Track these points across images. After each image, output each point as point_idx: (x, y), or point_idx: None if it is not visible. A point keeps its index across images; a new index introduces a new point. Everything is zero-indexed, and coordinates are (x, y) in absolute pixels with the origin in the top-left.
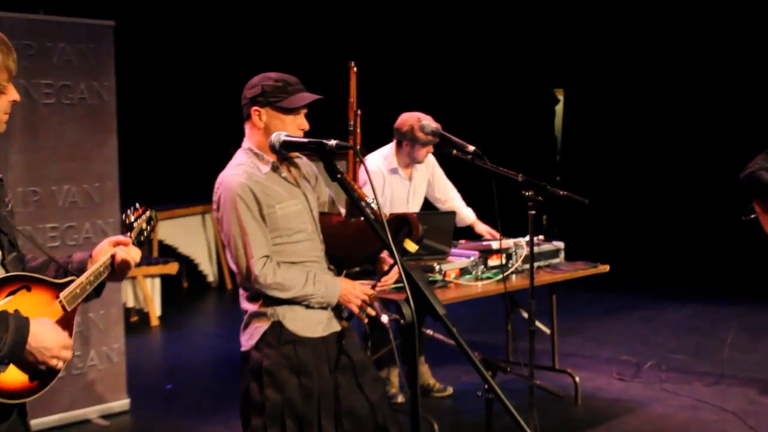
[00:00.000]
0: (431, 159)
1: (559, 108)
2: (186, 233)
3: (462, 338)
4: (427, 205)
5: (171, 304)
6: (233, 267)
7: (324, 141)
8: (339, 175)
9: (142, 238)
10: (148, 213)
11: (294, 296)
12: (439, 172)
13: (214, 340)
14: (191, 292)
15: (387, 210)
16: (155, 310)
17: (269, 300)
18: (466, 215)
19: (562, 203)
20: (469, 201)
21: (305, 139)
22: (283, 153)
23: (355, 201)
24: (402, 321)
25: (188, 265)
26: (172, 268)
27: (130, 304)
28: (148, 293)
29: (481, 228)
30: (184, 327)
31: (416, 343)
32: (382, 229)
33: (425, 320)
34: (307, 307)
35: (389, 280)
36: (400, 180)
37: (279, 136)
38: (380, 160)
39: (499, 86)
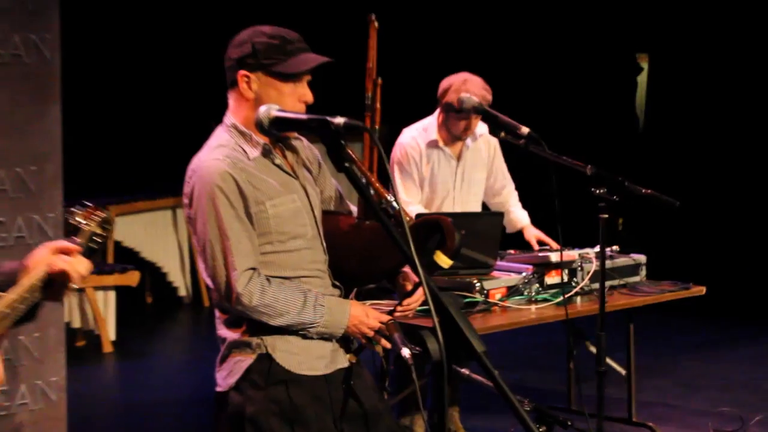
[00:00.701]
0: (494, 141)
1: (642, 79)
2: (150, 233)
3: (505, 382)
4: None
5: (129, 326)
6: (208, 281)
7: (328, 118)
8: (347, 164)
9: (93, 245)
10: (101, 214)
11: (288, 323)
12: (499, 159)
13: (185, 374)
14: (157, 310)
15: (424, 194)
16: (108, 332)
17: (255, 326)
18: (518, 217)
19: (644, 204)
20: (523, 199)
21: (304, 116)
22: (275, 133)
23: (367, 199)
24: (427, 358)
25: (153, 274)
26: (132, 278)
27: (76, 324)
28: (99, 311)
29: (530, 234)
30: (147, 355)
31: (445, 386)
32: (404, 236)
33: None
34: (305, 337)
35: (413, 303)
36: (443, 158)
37: (269, 110)
38: (418, 130)
39: (565, 50)
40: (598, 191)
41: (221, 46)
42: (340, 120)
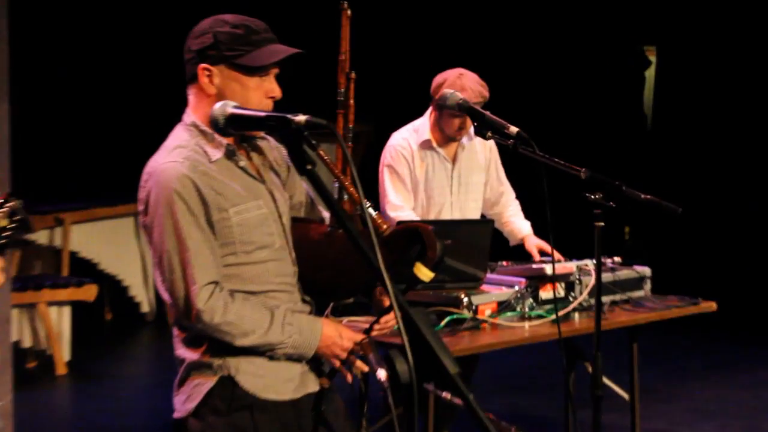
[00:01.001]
0: (492, 143)
1: (651, 73)
2: (110, 243)
3: (496, 406)
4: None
5: (86, 345)
6: (165, 296)
7: (288, 116)
8: (309, 167)
9: (1, 241)
10: (10, 204)
11: (253, 344)
12: (495, 163)
13: (147, 399)
14: (116, 328)
15: (420, 201)
16: (62, 352)
17: (217, 346)
18: (519, 227)
19: (648, 212)
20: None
21: (262, 113)
22: (232, 132)
23: (331, 204)
24: (395, 380)
25: (113, 288)
26: (89, 292)
27: (26, 343)
28: (52, 328)
29: (531, 243)
30: (105, 378)
31: (415, 411)
32: (370, 244)
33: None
34: (272, 358)
35: (391, 320)
36: (437, 160)
37: (224, 107)
38: (408, 131)
39: (566, 43)
40: (593, 197)
41: (183, 39)
42: (301, 117)
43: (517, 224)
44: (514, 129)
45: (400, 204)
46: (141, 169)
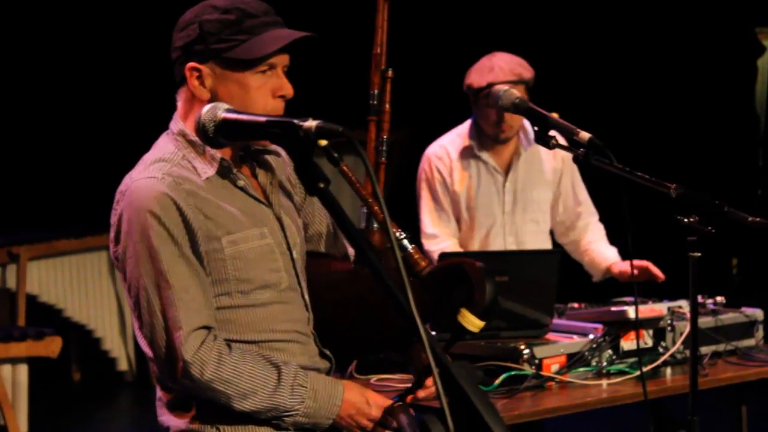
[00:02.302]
0: (564, 153)
1: (765, 63)
2: (77, 284)
3: None
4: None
5: (49, 412)
6: (144, 347)
7: (295, 121)
8: (321, 185)
9: None
10: None
11: (255, 408)
12: (570, 175)
13: None
14: (87, 391)
15: (462, 223)
16: (18, 422)
17: (209, 410)
18: (602, 255)
19: (761, 239)
20: None
21: (261, 117)
22: (222, 142)
23: (348, 231)
24: None
25: (82, 340)
26: (52, 346)
27: None
28: (5, 392)
29: (618, 267)
30: None
31: None
32: (401, 284)
33: None
34: (279, 428)
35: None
36: (484, 171)
37: (214, 111)
38: (450, 137)
39: (655, 25)
40: (686, 220)
41: (167, 36)
42: (310, 123)
43: (600, 252)
44: (585, 135)
45: (435, 232)
46: (111, 195)
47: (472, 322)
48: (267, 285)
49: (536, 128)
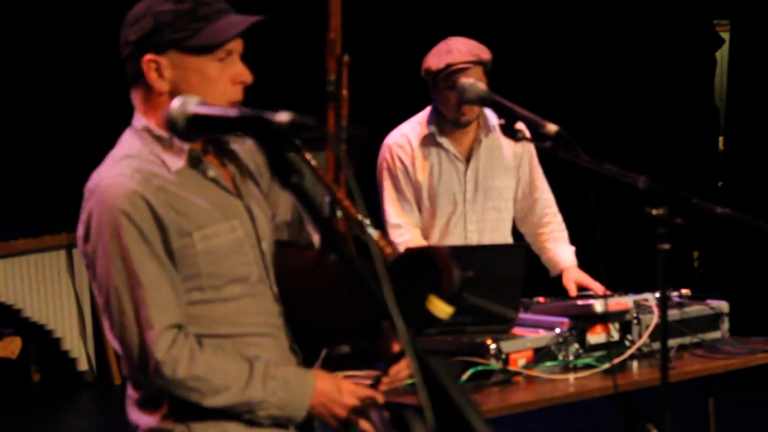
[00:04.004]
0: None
1: (723, 54)
2: (36, 284)
3: None
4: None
5: (8, 414)
6: (115, 345)
7: (266, 115)
8: (294, 179)
9: None
10: None
11: (228, 403)
12: (528, 165)
13: None
14: (47, 391)
15: (424, 212)
16: None
17: (180, 408)
18: (561, 257)
19: (726, 231)
20: None
21: (232, 112)
22: (194, 137)
23: (321, 223)
24: None
25: (41, 341)
26: (11, 347)
27: None
28: None
29: (569, 277)
30: None
31: None
32: (375, 272)
33: None
34: (251, 423)
35: (402, 371)
36: (446, 159)
37: (184, 105)
38: (411, 125)
39: (612, 17)
40: (655, 212)
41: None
42: (283, 117)
43: (558, 251)
44: (552, 127)
45: (399, 222)
46: (74, 191)
47: (441, 309)
48: (238, 279)
49: (502, 121)
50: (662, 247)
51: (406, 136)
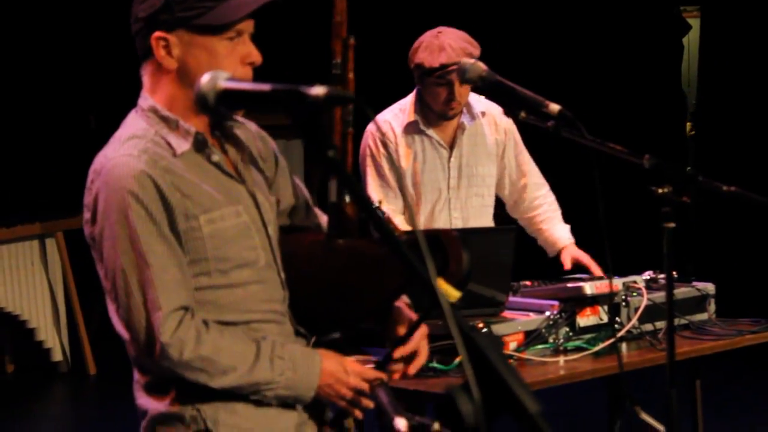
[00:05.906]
0: (505, 121)
1: (692, 40)
2: (9, 274)
3: None
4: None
5: None
6: (120, 328)
7: (302, 88)
8: (330, 153)
9: None
10: None
11: (235, 384)
12: (512, 149)
13: None
14: (21, 383)
15: (407, 199)
16: None
17: (188, 391)
18: (558, 235)
19: (712, 211)
20: None
21: (267, 85)
22: (223, 112)
23: (363, 202)
24: (460, 424)
25: (15, 332)
26: None
27: None
28: None
29: (567, 254)
30: None
31: None
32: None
33: None
34: (259, 404)
35: (408, 353)
36: (429, 146)
37: (215, 79)
38: (393, 112)
39: (587, 7)
40: (660, 191)
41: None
42: (319, 90)
43: (554, 231)
44: (555, 107)
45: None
46: (47, 181)
47: (449, 293)
48: (245, 263)
49: (502, 102)
50: (668, 226)
51: (389, 123)
